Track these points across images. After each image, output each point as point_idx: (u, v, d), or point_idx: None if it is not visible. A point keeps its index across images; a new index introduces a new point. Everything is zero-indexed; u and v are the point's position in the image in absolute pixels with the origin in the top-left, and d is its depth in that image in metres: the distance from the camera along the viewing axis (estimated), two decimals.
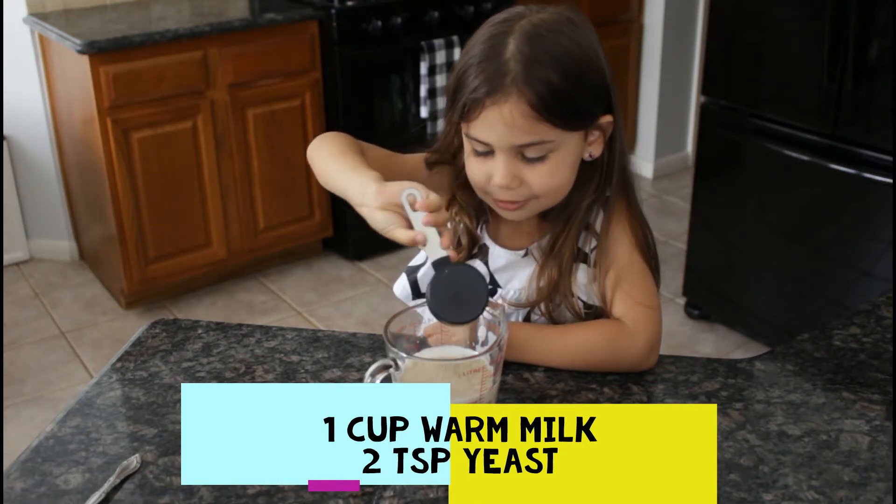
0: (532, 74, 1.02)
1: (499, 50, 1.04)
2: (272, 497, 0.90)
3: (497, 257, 1.21)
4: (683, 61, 4.16)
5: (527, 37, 1.04)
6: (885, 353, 1.14)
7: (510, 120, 1.03)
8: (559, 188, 1.11)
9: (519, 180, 1.08)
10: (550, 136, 1.05)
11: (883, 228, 2.36)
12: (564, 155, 1.08)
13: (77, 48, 2.76)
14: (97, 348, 2.95)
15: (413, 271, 1.27)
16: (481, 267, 1.21)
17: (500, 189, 1.08)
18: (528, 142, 1.05)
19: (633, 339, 1.11)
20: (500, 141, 1.05)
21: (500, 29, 1.06)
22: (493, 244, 1.22)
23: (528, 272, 1.19)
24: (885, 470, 0.93)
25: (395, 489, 0.90)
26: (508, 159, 1.07)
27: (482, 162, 1.09)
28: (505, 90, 1.03)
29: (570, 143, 1.08)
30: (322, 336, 1.21)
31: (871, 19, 2.31)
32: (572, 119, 1.06)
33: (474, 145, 1.09)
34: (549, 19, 1.07)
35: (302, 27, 3.13)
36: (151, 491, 0.91)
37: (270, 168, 3.21)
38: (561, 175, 1.09)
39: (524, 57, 1.03)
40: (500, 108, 1.03)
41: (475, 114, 1.05)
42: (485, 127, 1.05)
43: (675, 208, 3.92)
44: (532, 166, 1.07)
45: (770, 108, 2.63)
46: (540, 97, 1.02)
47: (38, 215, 3.47)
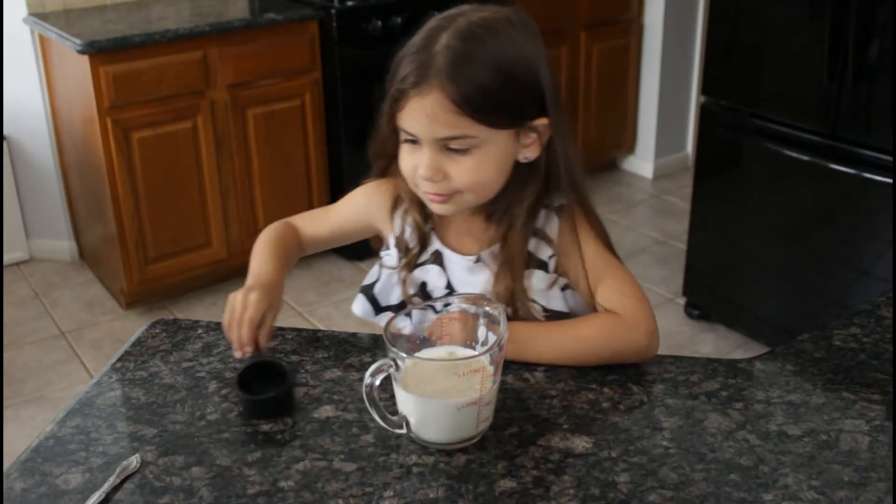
0: (456, 69, 1.05)
1: (430, 43, 1.07)
2: (272, 497, 0.90)
3: (451, 263, 1.22)
4: (683, 61, 4.16)
5: (460, 33, 1.07)
6: (885, 353, 1.14)
7: (431, 112, 1.06)
8: (483, 184, 1.13)
9: (442, 173, 1.10)
10: (473, 132, 1.07)
11: (883, 228, 2.36)
12: (490, 152, 1.10)
13: (77, 48, 2.76)
14: (97, 348, 2.95)
15: (369, 289, 1.29)
16: (439, 273, 1.23)
17: (424, 181, 1.11)
18: (449, 135, 1.07)
19: (631, 329, 1.12)
20: (423, 132, 1.08)
21: (439, 24, 1.09)
22: (446, 249, 1.23)
23: (484, 278, 1.20)
24: (885, 470, 0.93)
25: (395, 489, 0.90)
26: (433, 151, 1.09)
27: (411, 152, 1.12)
28: (429, 82, 1.05)
29: (496, 140, 1.09)
30: (322, 336, 1.21)
31: (871, 19, 2.31)
32: (495, 116, 1.08)
33: (403, 135, 1.12)
34: (489, 18, 1.10)
35: (302, 27, 3.13)
36: (151, 491, 0.91)
37: (270, 168, 3.21)
38: (485, 171, 1.11)
39: (452, 52, 1.06)
40: (423, 99, 1.06)
41: (402, 103, 1.08)
42: (410, 117, 1.08)
43: (675, 208, 3.92)
44: (456, 160, 1.09)
45: (770, 108, 2.63)
46: (461, 92, 1.05)
47: (38, 215, 3.47)
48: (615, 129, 4.19)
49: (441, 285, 1.23)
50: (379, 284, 1.28)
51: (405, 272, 1.24)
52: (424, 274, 1.23)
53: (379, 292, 1.28)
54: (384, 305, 1.28)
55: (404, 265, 1.24)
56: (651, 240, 3.65)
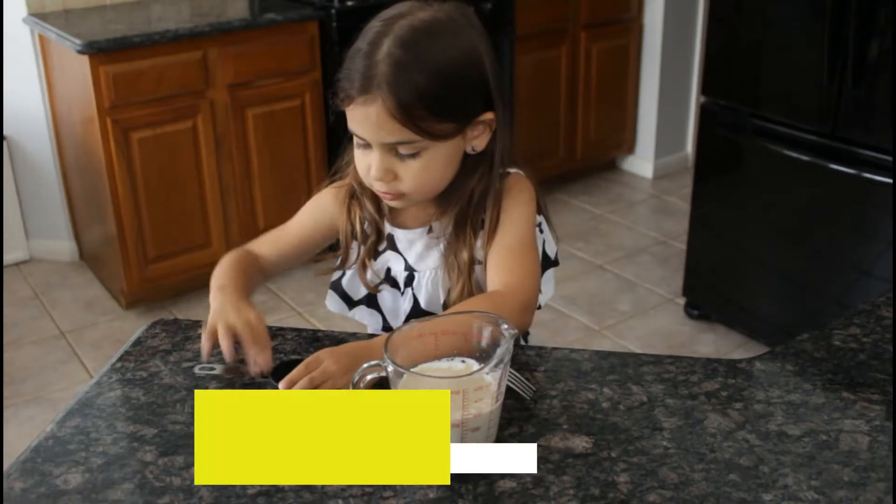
0: (399, 79, 1.06)
1: (374, 49, 1.08)
2: (272, 497, 0.90)
3: (403, 241, 1.25)
4: (683, 61, 4.16)
5: (401, 40, 1.07)
6: (885, 353, 1.14)
7: (376, 120, 1.08)
8: (430, 184, 1.15)
9: (393, 174, 1.12)
10: (418, 137, 1.09)
11: (883, 228, 2.36)
12: (438, 153, 1.12)
13: (77, 48, 2.76)
14: (97, 348, 2.95)
15: (338, 284, 1.31)
16: (397, 257, 1.25)
17: (375, 181, 1.14)
18: (396, 140, 1.09)
19: (507, 299, 1.11)
20: (370, 137, 1.11)
21: (381, 28, 1.10)
22: (396, 229, 1.26)
23: (438, 250, 1.23)
24: (885, 470, 0.93)
25: (396, 489, 0.90)
26: (383, 154, 1.11)
27: (364, 153, 1.14)
28: (372, 91, 1.07)
29: (440, 143, 1.11)
30: (322, 336, 1.20)
31: (871, 19, 2.31)
32: (440, 123, 1.09)
33: (355, 136, 1.14)
34: (429, 20, 1.10)
35: (302, 27, 3.13)
36: (151, 491, 0.91)
37: (270, 168, 3.21)
38: (433, 171, 1.14)
39: (393, 61, 1.06)
40: (367, 107, 1.08)
41: (347, 105, 1.10)
42: (357, 122, 1.11)
43: (675, 208, 3.92)
44: (405, 162, 1.12)
45: (770, 108, 2.63)
46: (404, 101, 1.06)
47: (38, 215, 3.47)
48: (615, 129, 4.19)
49: (400, 268, 1.26)
50: (345, 280, 1.30)
51: (364, 263, 1.26)
52: (386, 261, 1.27)
53: (347, 287, 1.30)
54: (356, 300, 1.31)
55: (363, 256, 1.26)
56: (651, 240, 3.65)
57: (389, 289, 1.27)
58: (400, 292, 1.27)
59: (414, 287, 1.25)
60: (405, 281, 1.26)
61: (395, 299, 1.28)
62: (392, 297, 1.28)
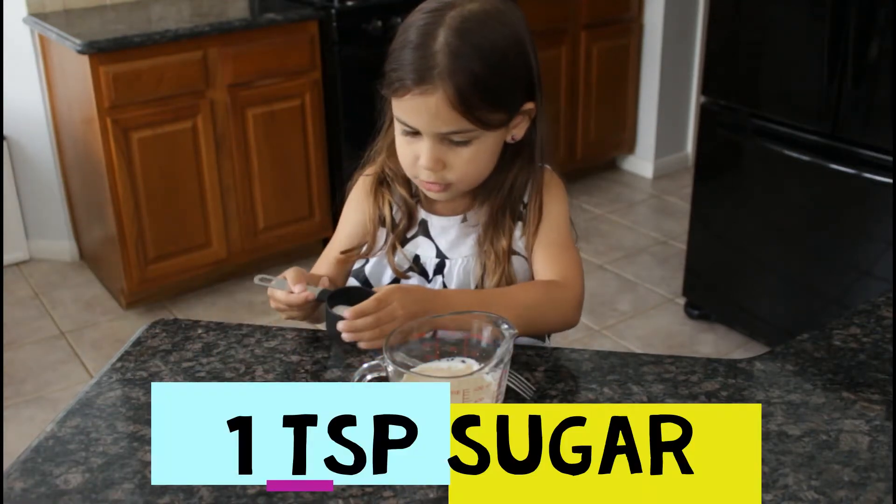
0: (457, 69, 1.07)
1: (428, 40, 1.09)
2: (272, 497, 0.90)
3: (438, 227, 1.26)
4: (683, 61, 4.16)
5: (456, 30, 1.09)
6: (885, 353, 1.14)
7: (434, 110, 1.09)
8: (477, 173, 1.17)
9: (443, 163, 1.14)
10: (473, 126, 1.10)
11: (883, 228, 2.36)
12: (487, 142, 1.14)
13: (77, 48, 2.76)
14: (97, 348, 2.95)
15: (359, 271, 1.30)
16: (429, 243, 1.26)
17: (424, 170, 1.14)
18: (451, 130, 1.11)
19: (565, 292, 1.18)
20: (424, 127, 1.11)
21: (431, 18, 1.11)
22: (431, 215, 1.26)
23: (472, 239, 1.24)
24: (885, 470, 0.93)
25: (396, 489, 0.90)
26: (434, 143, 1.12)
27: (410, 142, 1.15)
28: (432, 82, 1.08)
29: (491, 132, 1.14)
30: (322, 336, 1.20)
31: (871, 19, 2.31)
32: (494, 112, 1.11)
33: (402, 126, 1.14)
34: (479, 10, 1.11)
35: (302, 27, 3.13)
36: (151, 491, 0.91)
37: (270, 168, 3.21)
38: (481, 161, 1.16)
39: (452, 51, 1.07)
40: (426, 98, 1.08)
41: (402, 96, 1.10)
42: (411, 112, 1.11)
43: (675, 208, 3.92)
44: (456, 150, 1.13)
45: (770, 108, 2.63)
46: (461, 92, 1.07)
47: (38, 215, 3.47)
48: (615, 129, 4.19)
49: (432, 255, 1.26)
50: (368, 267, 1.29)
51: (394, 248, 1.26)
52: (416, 247, 1.27)
53: (370, 274, 1.29)
54: (376, 288, 1.28)
55: (392, 242, 1.26)
56: (651, 240, 3.65)
57: (417, 276, 1.27)
58: (427, 280, 1.26)
59: (445, 274, 1.25)
60: (435, 268, 1.25)
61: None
62: (418, 284, 1.27)
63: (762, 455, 0.95)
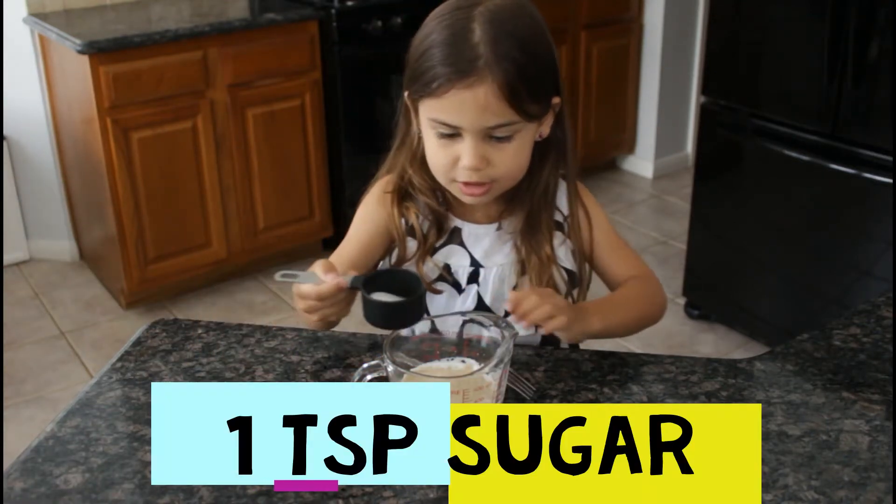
0: (502, 59, 1.06)
1: (465, 34, 1.07)
2: (272, 497, 0.90)
3: (472, 235, 1.23)
4: (683, 61, 4.16)
5: (492, 23, 1.07)
6: (885, 353, 1.14)
7: (483, 102, 1.06)
8: (520, 168, 1.15)
9: (486, 161, 1.11)
10: (517, 118, 1.09)
11: (883, 228, 2.36)
12: (527, 135, 1.13)
13: (77, 48, 2.76)
14: (97, 348, 2.95)
15: None
16: (462, 252, 1.23)
17: (467, 171, 1.11)
18: (497, 123, 1.08)
19: (655, 285, 1.25)
20: (470, 123, 1.08)
21: (459, 15, 1.09)
22: (465, 222, 1.24)
23: (508, 247, 1.23)
24: (885, 470, 0.93)
25: (395, 489, 0.90)
26: (476, 141, 1.09)
27: (447, 146, 1.11)
28: (477, 73, 1.05)
29: (531, 123, 1.12)
30: (322, 336, 1.20)
31: (871, 19, 2.31)
32: (534, 102, 1.10)
33: (439, 128, 1.10)
34: (504, 5, 1.10)
35: (302, 27, 3.13)
36: (151, 491, 0.91)
37: (270, 168, 3.21)
38: (523, 156, 1.14)
39: (492, 39, 1.06)
40: (473, 90, 1.06)
41: (442, 94, 1.07)
42: (454, 109, 1.08)
43: (675, 208, 3.91)
44: (499, 147, 1.11)
45: (770, 108, 2.63)
46: (508, 81, 1.06)
47: (38, 215, 3.47)
48: (615, 130, 4.19)
49: (465, 263, 1.22)
50: None
51: (423, 260, 1.22)
52: (445, 256, 1.23)
53: None
54: None
55: (422, 253, 1.22)
56: (651, 240, 3.65)
57: (448, 286, 1.23)
58: (459, 290, 1.22)
59: (480, 283, 1.22)
60: (469, 277, 1.22)
61: (450, 298, 1.23)
62: (446, 295, 1.23)
63: (762, 455, 0.95)
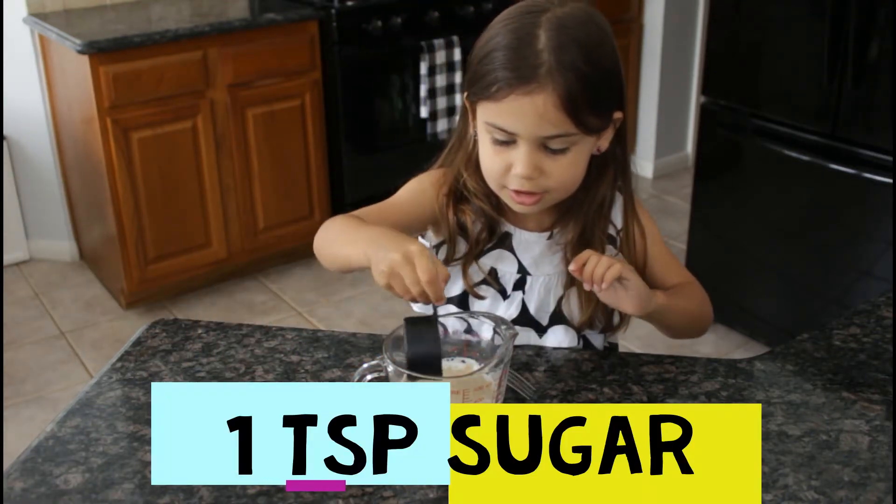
0: (566, 68, 1.02)
1: (529, 40, 1.04)
2: (272, 497, 0.90)
3: (523, 242, 1.21)
4: (683, 61, 4.16)
5: (558, 31, 1.04)
6: (885, 353, 1.14)
7: (542, 110, 1.03)
8: (573, 181, 1.12)
9: (539, 171, 1.08)
10: (575, 130, 1.05)
11: (883, 228, 2.36)
12: (584, 148, 1.10)
13: (77, 48, 2.76)
14: (97, 348, 2.95)
15: None
16: (510, 258, 1.21)
17: (519, 179, 1.08)
18: (554, 133, 1.05)
19: (707, 297, 1.26)
20: (526, 131, 1.05)
21: (526, 20, 1.06)
22: (517, 229, 1.21)
23: (557, 257, 1.20)
24: (885, 470, 0.93)
25: (395, 489, 0.90)
26: (531, 150, 1.07)
27: (501, 152, 1.09)
28: (538, 81, 1.02)
29: (589, 137, 1.09)
30: (322, 336, 1.20)
31: (871, 19, 2.31)
32: (595, 115, 1.07)
33: (495, 133, 1.08)
34: (573, 13, 1.07)
35: (302, 27, 3.13)
36: (151, 491, 0.91)
37: (270, 168, 3.21)
38: (578, 168, 1.11)
39: (557, 46, 1.03)
40: (533, 98, 1.03)
41: (502, 98, 1.04)
42: (511, 115, 1.05)
43: (675, 208, 3.91)
44: (554, 158, 1.08)
45: (770, 108, 2.63)
46: (570, 91, 1.03)
47: (38, 215, 3.47)
48: None
49: (513, 270, 1.21)
50: None
51: (470, 262, 1.20)
52: (493, 260, 1.21)
53: None
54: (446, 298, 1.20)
55: (470, 255, 1.20)
56: None
57: (492, 291, 1.21)
58: (504, 296, 1.21)
59: (525, 291, 1.20)
60: (514, 284, 1.21)
61: (494, 302, 1.21)
62: (490, 301, 1.21)
63: (762, 455, 0.95)
